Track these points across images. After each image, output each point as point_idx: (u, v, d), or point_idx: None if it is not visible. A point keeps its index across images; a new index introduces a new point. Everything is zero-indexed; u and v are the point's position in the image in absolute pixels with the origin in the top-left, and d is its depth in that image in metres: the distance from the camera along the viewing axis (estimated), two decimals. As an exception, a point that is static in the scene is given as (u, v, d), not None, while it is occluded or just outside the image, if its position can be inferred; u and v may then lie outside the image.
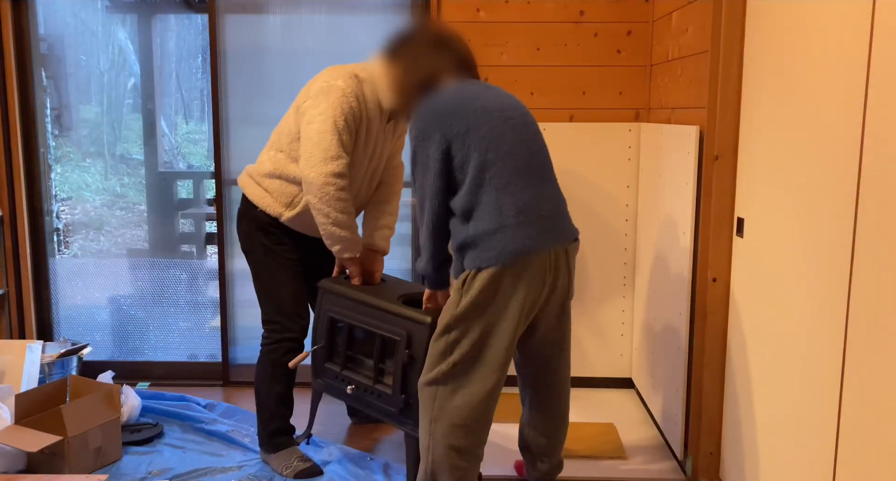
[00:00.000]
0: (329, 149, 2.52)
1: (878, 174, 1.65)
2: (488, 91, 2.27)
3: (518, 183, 2.16)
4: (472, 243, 2.15)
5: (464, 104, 2.20)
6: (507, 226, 2.13)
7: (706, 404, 2.61)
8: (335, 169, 2.52)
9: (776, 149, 2.17)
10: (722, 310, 2.54)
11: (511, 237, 2.12)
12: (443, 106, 2.21)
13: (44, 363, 3.29)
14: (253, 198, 2.73)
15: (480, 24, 3.42)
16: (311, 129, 2.54)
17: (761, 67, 2.29)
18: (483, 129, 2.17)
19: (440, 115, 2.19)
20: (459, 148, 2.16)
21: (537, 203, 2.18)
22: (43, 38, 3.70)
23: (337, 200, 2.54)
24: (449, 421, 2.18)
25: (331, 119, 2.52)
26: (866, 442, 1.69)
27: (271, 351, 2.76)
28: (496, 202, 2.14)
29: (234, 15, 3.54)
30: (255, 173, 2.77)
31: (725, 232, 2.52)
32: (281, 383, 2.77)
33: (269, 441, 2.81)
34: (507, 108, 2.23)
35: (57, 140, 3.86)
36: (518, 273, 2.13)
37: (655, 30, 3.34)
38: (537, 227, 2.16)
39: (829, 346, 1.85)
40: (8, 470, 2.59)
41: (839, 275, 1.80)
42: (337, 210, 2.55)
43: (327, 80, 2.60)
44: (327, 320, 2.68)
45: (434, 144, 2.18)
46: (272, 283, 2.76)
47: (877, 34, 1.66)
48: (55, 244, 3.84)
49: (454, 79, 2.33)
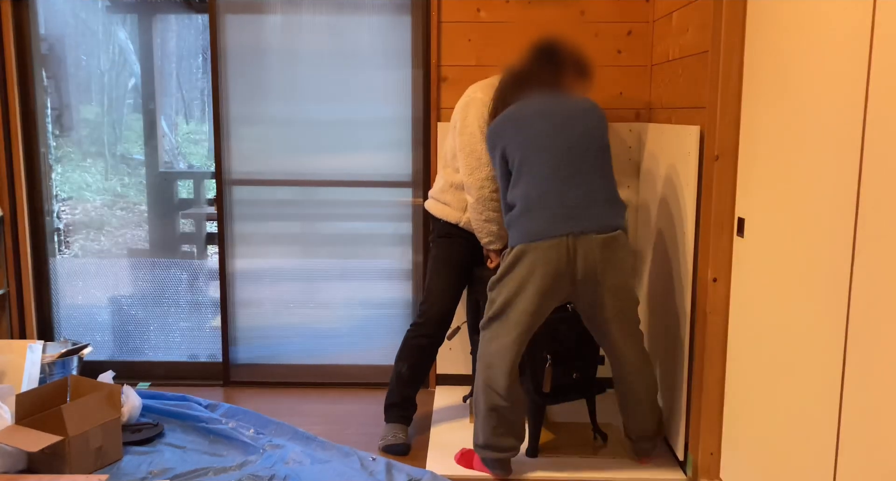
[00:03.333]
0: (481, 156, 2.85)
1: (878, 174, 1.65)
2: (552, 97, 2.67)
3: (545, 173, 2.55)
4: (509, 226, 2.65)
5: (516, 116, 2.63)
6: (530, 210, 2.55)
7: (706, 404, 2.60)
8: (487, 173, 2.85)
9: (776, 149, 2.17)
10: (722, 310, 2.54)
11: (531, 222, 2.55)
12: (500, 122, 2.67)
13: (44, 363, 3.29)
14: (436, 213, 3.09)
15: (480, 24, 3.42)
16: (463, 141, 2.90)
17: (761, 67, 2.29)
18: (523, 135, 2.59)
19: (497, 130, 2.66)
20: (510, 153, 2.61)
21: (561, 192, 2.54)
22: (43, 38, 3.70)
23: (490, 200, 2.88)
24: (483, 360, 2.69)
25: (477, 128, 2.85)
26: (866, 442, 1.69)
27: (410, 330, 3.10)
28: (525, 190, 2.57)
29: (234, 15, 3.53)
30: (435, 194, 3.12)
31: (726, 232, 2.52)
32: (405, 362, 3.06)
33: (385, 412, 3.12)
34: (559, 108, 2.63)
35: (57, 140, 3.86)
36: (531, 254, 2.54)
37: (656, 30, 3.34)
38: (554, 214, 2.53)
39: (829, 346, 1.85)
40: (8, 470, 2.59)
41: (840, 274, 1.80)
42: (490, 209, 2.88)
43: (469, 93, 2.96)
44: (474, 300, 3.20)
45: (497, 154, 2.66)
46: (431, 276, 3.10)
47: (877, 34, 1.66)
48: (56, 244, 3.84)
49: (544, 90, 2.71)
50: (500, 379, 2.64)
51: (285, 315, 3.78)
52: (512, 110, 2.67)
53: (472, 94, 2.94)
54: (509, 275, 2.59)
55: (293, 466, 2.79)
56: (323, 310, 3.78)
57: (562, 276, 2.54)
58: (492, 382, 2.65)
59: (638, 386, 2.75)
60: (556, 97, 2.69)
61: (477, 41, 3.42)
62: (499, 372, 2.64)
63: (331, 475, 2.75)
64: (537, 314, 2.61)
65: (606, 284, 2.58)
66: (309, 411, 3.42)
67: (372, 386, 3.68)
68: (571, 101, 2.68)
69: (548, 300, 2.60)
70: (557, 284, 2.56)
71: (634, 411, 2.78)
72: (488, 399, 2.66)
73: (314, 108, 3.60)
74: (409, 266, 3.70)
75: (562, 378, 2.88)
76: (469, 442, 2.95)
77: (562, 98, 2.69)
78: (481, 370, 2.69)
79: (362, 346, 3.78)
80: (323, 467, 2.79)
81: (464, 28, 3.42)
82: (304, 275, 3.76)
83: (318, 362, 3.77)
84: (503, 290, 2.61)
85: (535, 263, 2.53)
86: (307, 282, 3.77)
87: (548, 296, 2.58)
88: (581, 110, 2.64)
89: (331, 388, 3.68)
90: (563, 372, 2.88)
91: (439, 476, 2.75)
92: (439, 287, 3.06)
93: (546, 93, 2.71)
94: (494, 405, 2.66)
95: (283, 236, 3.76)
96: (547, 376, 2.83)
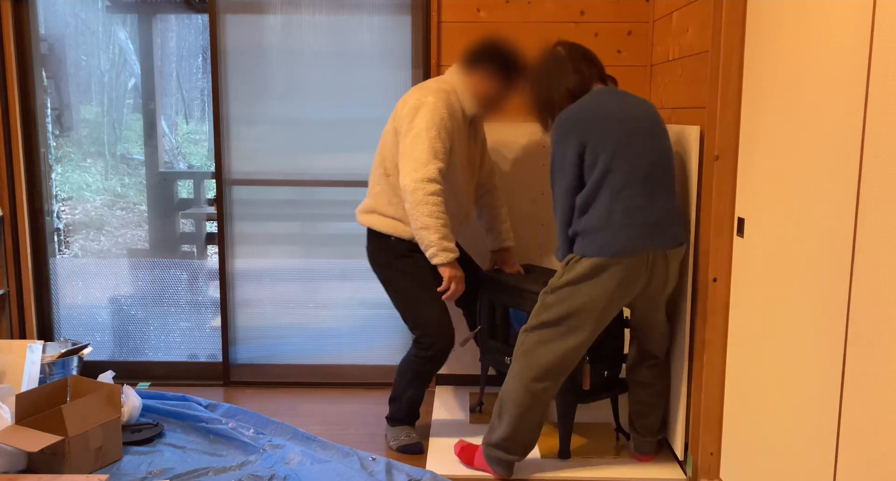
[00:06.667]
0: (419, 157, 2.72)
1: (878, 174, 1.65)
2: (624, 99, 2.56)
3: (631, 189, 2.46)
4: (581, 233, 2.52)
5: (601, 113, 2.51)
6: (613, 226, 2.46)
7: (706, 404, 2.61)
8: (424, 174, 2.71)
9: (776, 149, 2.17)
10: (722, 310, 2.54)
11: (615, 236, 2.46)
12: (581, 113, 2.53)
13: (44, 363, 3.28)
14: (383, 229, 2.89)
15: (480, 24, 3.42)
16: (405, 144, 2.76)
17: (761, 67, 2.29)
18: (612, 139, 2.47)
19: (578, 122, 2.51)
20: (591, 152, 2.48)
21: (645, 209, 2.48)
22: (43, 38, 3.70)
23: (425, 204, 2.71)
24: (532, 366, 2.59)
25: (423, 131, 2.73)
26: (867, 442, 1.69)
27: (420, 362, 2.94)
28: (609, 204, 2.47)
29: (234, 15, 3.53)
30: (376, 207, 2.92)
31: (726, 232, 2.52)
32: (417, 388, 3.00)
33: (390, 418, 3.09)
34: (637, 118, 2.52)
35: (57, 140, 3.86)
36: (615, 269, 2.47)
37: (656, 30, 3.34)
38: (640, 232, 2.47)
39: (829, 346, 1.85)
40: (8, 470, 2.59)
41: (840, 275, 1.80)
42: (425, 214, 2.71)
43: (418, 97, 2.81)
44: (488, 304, 3.15)
45: (571, 148, 2.51)
46: (417, 306, 2.91)
47: (877, 34, 1.66)
48: (56, 244, 3.84)
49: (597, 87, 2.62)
50: (550, 389, 2.61)
51: (285, 315, 3.78)
52: (591, 104, 2.54)
53: (423, 98, 2.79)
54: (579, 286, 2.51)
55: (293, 466, 2.79)
56: (323, 310, 3.78)
57: (635, 290, 2.54)
58: (538, 389, 2.60)
59: (664, 386, 2.83)
60: (622, 97, 2.59)
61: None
62: (550, 384, 2.61)
63: (331, 475, 2.75)
64: (603, 327, 2.60)
65: (668, 292, 2.65)
66: (309, 411, 3.42)
67: (372, 386, 3.68)
68: (645, 106, 2.59)
69: (608, 313, 2.57)
70: (626, 297, 2.55)
71: (653, 410, 2.83)
72: (525, 403, 2.61)
73: (314, 108, 3.60)
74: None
75: (595, 376, 2.90)
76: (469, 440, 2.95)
77: (628, 99, 2.59)
78: (526, 375, 2.60)
79: (362, 346, 3.78)
80: (323, 467, 2.79)
81: (464, 28, 3.42)
82: (304, 275, 3.76)
83: (318, 362, 3.77)
84: (568, 299, 2.53)
85: (613, 279, 2.48)
86: (307, 282, 3.77)
87: (610, 310, 2.56)
88: (657, 117, 2.58)
89: (331, 388, 3.68)
90: (596, 371, 2.90)
91: (439, 476, 2.75)
92: (435, 315, 2.88)
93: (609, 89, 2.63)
94: (529, 410, 2.62)
95: (283, 236, 3.77)
96: (586, 374, 2.85)
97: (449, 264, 2.78)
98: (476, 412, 3.33)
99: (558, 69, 2.64)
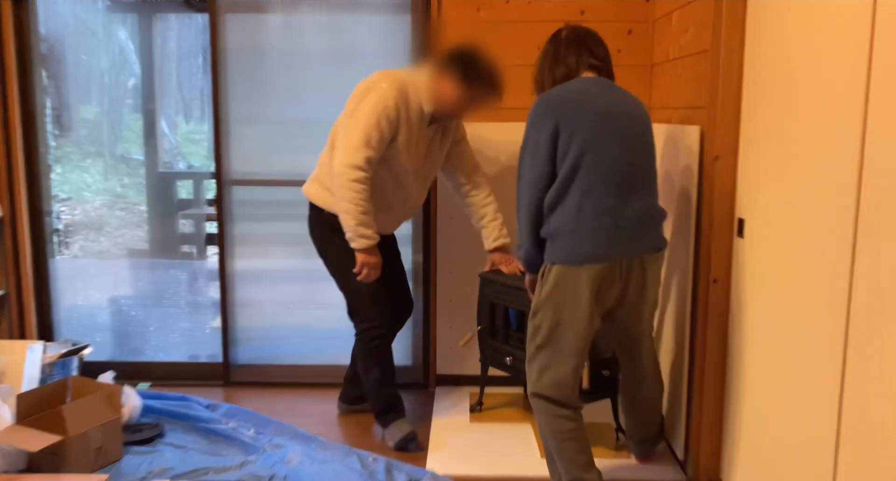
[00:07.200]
0: (351, 142, 2.72)
1: (879, 174, 1.65)
2: (611, 92, 2.39)
3: (603, 190, 2.28)
4: (550, 236, 2.35)
5: (581, 101, 2.33)
6: (582, 229, 2.29)
7: (706, 404, 2.60)
8: (351, 160, 2.71)
9: (776, 149, 2.17)
10: (723, 311, 2.54)
11: (583, 241, 2.29)
12: (563, 96, 2.34)
13: (44, 363, 3.28)
14: (318, 202, 2.94)
15: (480, 23, 3.41)
16: (347, 126, 2.77)
17: (761, 67, 2.29)
18: (589, 132, 2.28)
19: (558, 104, 2.32)
20: (565, 140, 2.28)
21: (618, 212, 2.30)
22: (43, 38, 3.69)
23: (347, 190, 2.71)
24: (544, 396, 2.42)
25: (364, 117, 2.73)
26: (867, 443, 1.69)
27: (360, 340, 3.00)
28: (578, 204, 2.28)
29: (234, 14, 3.53)
30: (319, 176, 2.97)
31: (726, 233, 2.52)
32: (376, 368, 2.99)
33: (377, 419, 3.07)
34: (619, 114, 2.35)
35: (57, 140, 3.86)
36: (586, 275, 2.30)
37: (656, 29, 3.34)
38: (612, 236, 2.30)
39: (829, 347, 1.85)
40: (9, 470, 2.59)
41: (840, 275, 1.80)
42: (345, 199, 2.72)
43: (374, 80, 2.81)
44: (488, 304, 3.14)
45: (546, 129, 2.30)
46: (353, 284, 2.93)
47: (878, 34, 1.66)
48: (55, 245, 3.84)
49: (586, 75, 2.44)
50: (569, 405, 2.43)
51: (285, 315, 3.78)
52: (575, 90, 2.36)
53: (378, 82, 2.79)
54: (554, 300, 2.35)
55: (293, 466, 2.79)
56: (323, 310, 3.78)
57: (610, 297, 2.39)
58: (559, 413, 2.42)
59: (654, 394, 2.73)
60: (611, 89, 2.41)
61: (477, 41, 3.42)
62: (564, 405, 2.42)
63: (331, 475, 2.74)
64: (586, 335, 2.40)
65: (647, 299, 2.51)
66: (309, 411, 3.41)
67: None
68: (629, 100, 2.42)
69: (594, 319, 2.40)
70: (605, 303, 2.40)
71: (646, 417, 2.76)
72: (559, 430, 2.43)
73: (314, 108, 3.60)
74: (409, 266, 3.69)
75: (595, 376, 2.90)
76: (469, 444, 2.95)
77: (617, 91, 2.41)
78: (543, 406, 2.43)
79: (362, 346, 3.78)
80: (323, 467, 2.79)
81: (464, 28, 3.41)
82: (304, 276, 3.76)
83: (318, 362, 3.76)
84: (549, 316, 2.37)
85: (586, 286, 2.31)
86: (307, 283, 3.77)
87: (595, 316, 2.39)
88: (643, 115, 2.42)
89: (331, 388, 3.68)
90: (595, 371, 2.90)
91: (439, 476, 2.75)
92: (367, 294, 2.93)
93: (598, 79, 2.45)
94: (568, 434, 2.43)
95: (282, 237, 3.76)
96: (586, 374, 2.85)
97: (363, 250, 2.81)
98: (476, 412, 3.33)
99: (553, 52, 2.51)
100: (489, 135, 3.44)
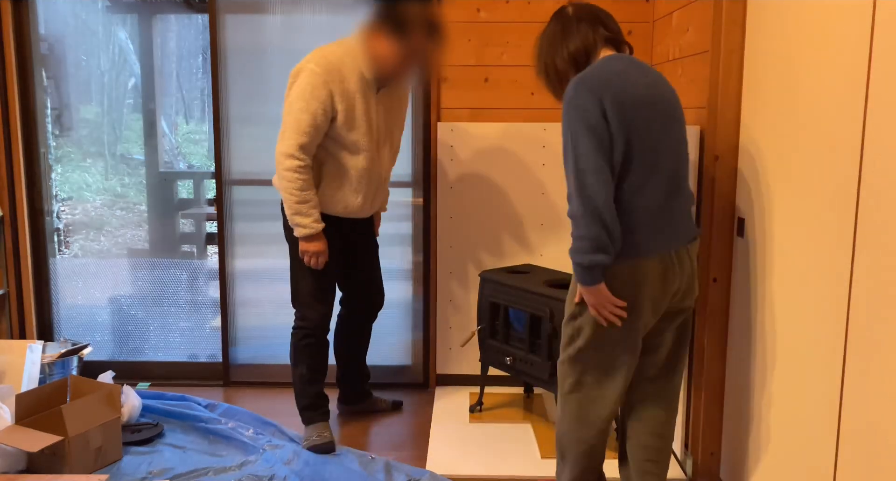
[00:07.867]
0: (284, 130, 2.71)
1: (878, 174, 1.65)
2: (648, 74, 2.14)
3: (652, 184, 2.07)
4: None
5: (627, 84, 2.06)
6: (634, 228, 2.06)
7: (706, 404, 2.60)
8: (283, 149, 2.70)
9: (776, 149, 2.17)
10: (722, 310, 2.54)
11: (636, 239, 2.06)
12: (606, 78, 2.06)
13: (44, 363, 3.29)
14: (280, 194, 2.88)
15: (480, 23, 3.41)
16: (283, 113, 2.73)
17: (761, 67, 2.29)
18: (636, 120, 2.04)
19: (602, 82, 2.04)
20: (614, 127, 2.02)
21: (667, 205, 2.10)
22: (43, 38, 3.70)
23: (281, 179, 2.72)
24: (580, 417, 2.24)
25: (293, 102, 2.69)
26: (867, 442, 1.69)
27: (292, 336, 3.00)
28: (629, 202, 2.06)
29: (234, 14, 3.53)
30: None
31: (726, 232, 2.52)
32: (302, 364, 2.97)
33: (300, 414, 3.03)
34: (662, 100, 2.12)
35: (57, 140, 3.86)
36: (640, 273, 2.08)
37: (656, 29, 3.34)
38: (662, 231, 2.10)
39: (829, 346, 1.85)
40: (8, 470, 2.59)
41: (840, 275, 1.80)
42: (281, 187, 2.74)
43: (303, 63, 2.73)
44: (489, 304, 3.16)
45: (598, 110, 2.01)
46: (298, 275, 2.94)
47: (877, 34, 1.66)
48: (56, 244, 3.84)
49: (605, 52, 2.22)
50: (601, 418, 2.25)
51: (285, 315, 3.76)
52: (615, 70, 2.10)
53: (305, 64, 2.71)
54: None
55: (293, 466, 2.79)
56: (323, 310, 3.78)
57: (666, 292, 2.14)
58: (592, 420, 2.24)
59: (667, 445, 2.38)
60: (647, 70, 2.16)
61: (477, 41, 3.42)
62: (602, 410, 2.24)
63: (330, 475, 2.75)
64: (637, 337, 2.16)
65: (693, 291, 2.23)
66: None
67: (371, 386, 3.67)
68: (662, 81, 2.17)
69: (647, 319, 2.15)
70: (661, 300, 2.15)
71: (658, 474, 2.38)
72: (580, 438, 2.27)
73: (314, 108, 3.59)
74: (409, 266, 3.69)
75: None
76: (469, 444, 2.95)
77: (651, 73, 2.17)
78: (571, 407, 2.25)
79: (362, 346, 3.78)
80: (322, 467, 2.79)
81: (464, 28, 3.41)
82: (303, 275, 3.76)
83: (318, 362, 3.76)
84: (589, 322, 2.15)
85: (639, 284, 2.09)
86: (307, 282, 3.76)
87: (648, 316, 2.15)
88: (675, 97, 2.19)
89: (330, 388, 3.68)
90: None
91: (439, 476, 2.75)
92: (307, 290, 2.92)
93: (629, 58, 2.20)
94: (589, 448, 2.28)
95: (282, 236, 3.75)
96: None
97: (303, 238, 2.80)
98: (476, 412, 3.33)
99: (561, 28, 2.26)
100: (490, 135, 3.44)
